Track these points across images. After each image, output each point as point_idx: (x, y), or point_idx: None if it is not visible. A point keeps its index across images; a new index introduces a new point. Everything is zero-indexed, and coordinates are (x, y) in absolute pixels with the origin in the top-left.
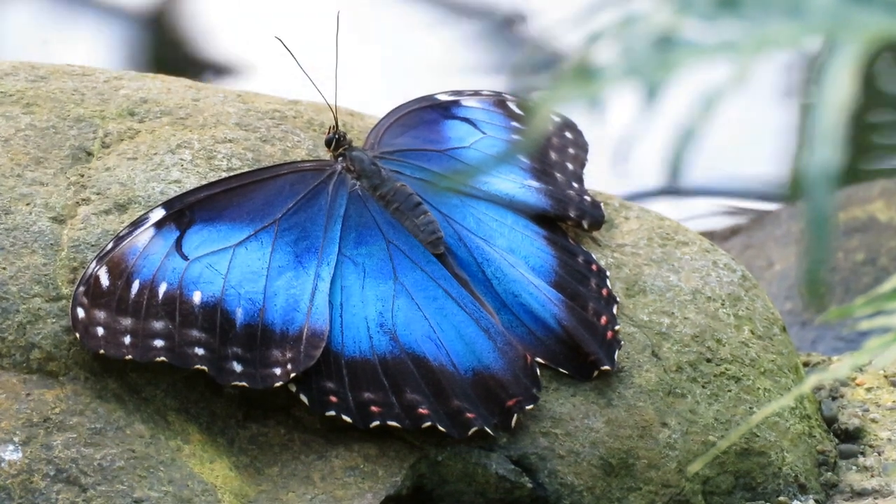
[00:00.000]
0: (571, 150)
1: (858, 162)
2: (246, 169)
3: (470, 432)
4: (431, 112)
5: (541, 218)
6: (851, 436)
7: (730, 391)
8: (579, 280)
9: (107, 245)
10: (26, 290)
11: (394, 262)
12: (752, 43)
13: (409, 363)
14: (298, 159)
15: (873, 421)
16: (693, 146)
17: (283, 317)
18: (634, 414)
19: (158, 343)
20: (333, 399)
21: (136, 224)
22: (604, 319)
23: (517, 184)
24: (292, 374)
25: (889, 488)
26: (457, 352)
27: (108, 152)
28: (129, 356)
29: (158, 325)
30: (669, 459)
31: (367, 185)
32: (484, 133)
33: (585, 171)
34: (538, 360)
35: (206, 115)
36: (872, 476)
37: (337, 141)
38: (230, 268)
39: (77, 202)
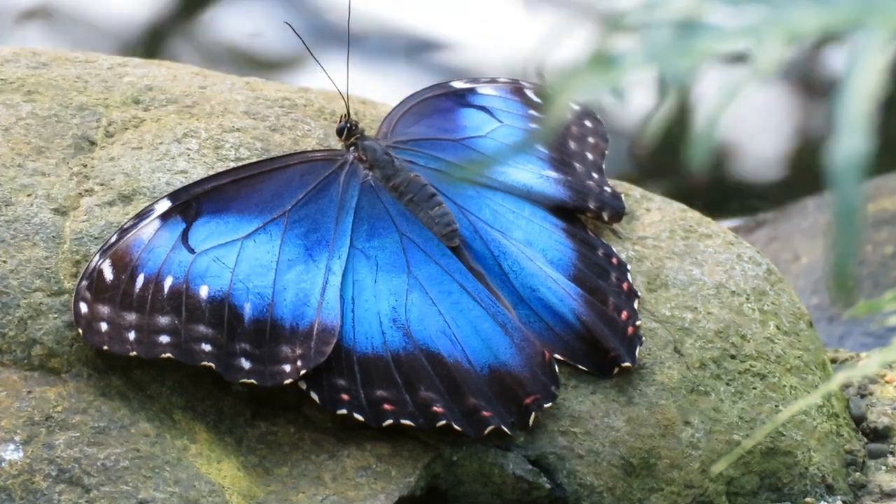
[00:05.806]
0: (591, 140)
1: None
2: (254, 159)
3: (486, 431)
4: (446, 100)
5: (559, 209)
6: (881, 435)
7: (755, 388)
8: (599, 274)
9: (110, 238)
10: (27, 284)
11: (407, 255)
12: (777, 30)
13: (423, 360)
14: (309, 149)
15: None
16: (716, 135)
17: (293, 312)
18: (656, 412)
19: (164, 339)
20: (345, 397)
21: (141, 216)
22: (624, 314)
23: (535, 174)
24: (302, 371)
25: None
26: (472, 348)
27: (112, 142)
28: (134, 352)
29: (164, 320)
30: (692, 459)
31: (379, 175)
32: (500, 122)
33: (605, 160)
34: (556, 356)
35: (214, 103)
36: None
37: (349, 130)
38: (238, 261)
39: (80, 193)
